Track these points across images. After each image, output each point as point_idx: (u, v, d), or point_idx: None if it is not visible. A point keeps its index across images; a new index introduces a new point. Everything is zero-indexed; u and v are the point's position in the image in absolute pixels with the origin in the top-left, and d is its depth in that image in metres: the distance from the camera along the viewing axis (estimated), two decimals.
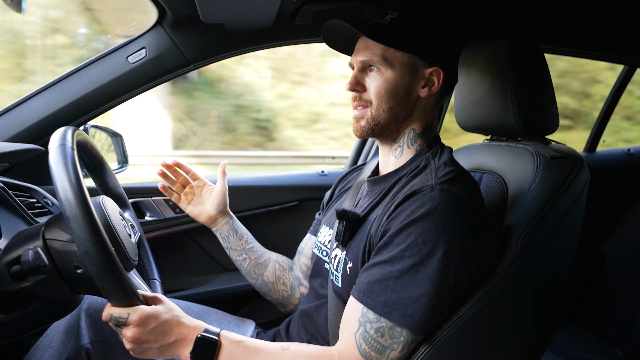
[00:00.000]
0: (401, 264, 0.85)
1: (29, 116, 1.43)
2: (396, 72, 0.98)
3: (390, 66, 0.98)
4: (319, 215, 1.32)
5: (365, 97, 1.00)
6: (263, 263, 1.31)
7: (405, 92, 0.99)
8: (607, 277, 2.20)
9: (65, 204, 0.75)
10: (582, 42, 1.85)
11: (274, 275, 1.31)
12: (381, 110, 0.99)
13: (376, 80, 0.99)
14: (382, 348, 0.85)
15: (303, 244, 1.33)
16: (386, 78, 0.98)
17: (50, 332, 1.11)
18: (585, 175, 1.03)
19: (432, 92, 1.00)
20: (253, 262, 1.31)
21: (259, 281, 1.31)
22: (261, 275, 1.31)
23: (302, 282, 1.30)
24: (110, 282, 0.77)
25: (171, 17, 1.44)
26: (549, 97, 1.13)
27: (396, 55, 0.98)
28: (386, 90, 0.98)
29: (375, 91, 0.99)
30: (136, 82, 1.49)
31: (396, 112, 0.99)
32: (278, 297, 1.31)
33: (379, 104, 0.99)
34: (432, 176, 0.93)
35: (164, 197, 1.71)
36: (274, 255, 1.35)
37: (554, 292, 1.03)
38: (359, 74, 1.01)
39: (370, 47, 0.99)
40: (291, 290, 1.31)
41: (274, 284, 1.31)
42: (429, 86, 1.00)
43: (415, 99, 1.00)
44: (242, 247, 1.31)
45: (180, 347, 0.87)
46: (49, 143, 0.83)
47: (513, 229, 0.95)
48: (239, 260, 1.32)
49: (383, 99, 0.98)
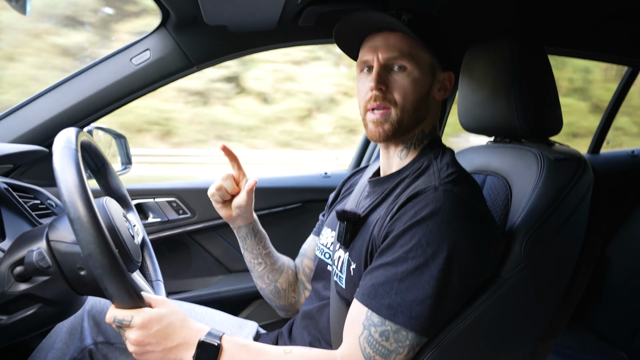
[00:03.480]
0: (405, 265, 0.85)
1: (33, 118, 1.43)
2: (421, 72, 0.96)
3: (417, 65, 0.95)
4: (322, 216, 1.32)
5: (389, 96, 0.95)
6: (278, 269, 1.27)
7: (426, 94, 0.98)
8: (611, 279, 2.19)
9: (69, 206, 0.75)
10: (586, 44, 1.85)
11: (287, 282, 1.28)
12: (406, 111, 0.96)
13: (403, 79, 0.95)
14: (387, 352, 0.84)
15: (306, 245, 1.31)
16: (414, 77, 0.95)
17: (53, 334, 1.11)
18: (589, 177, 1.03)
19: (445, 95, 1.01)
20: (268, 267, 1.26)
21: (270, 287, 1.27)
22: (275, 281, 1.27)
23: (306, 286, 1.29)
24: (114, 284, 0.77)
25: (175, 19, 1.45)
26: (553, 99, 1.13)
27: (421, 55, 0.96)
28: (413, 91, 0.95)
29: (401, 90, 0.95)
30: (140, 84, 1.49)
31: (418, 114, 0.97)
32: (286, 303, 1.29)
33: (404, 104, 0.95)
34: (435, 177, 0.92)
35: (168, 199, 1.71)
36: (287, 261, 1.31)
37: (557, 294, 1.02)
38: (383, 72, 0.95)
39: (394, 44, 0.95)
40: (298, 296, 1.29)
41: (287, 291, 1.28)
42: (443, 90, 1.01)
43: (431, 101, 1.00)
44: (259, 251, 1.26)
45: (183, 351, 0.87)
46: (53, 144, 0.83)
47: (517, 231, 0.95)
48: (254, 263, 1.26)
49: (409, 99, 0.95)
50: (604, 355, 2.01)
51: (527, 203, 0.98)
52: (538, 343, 1.04)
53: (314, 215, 1.53)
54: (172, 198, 1.72)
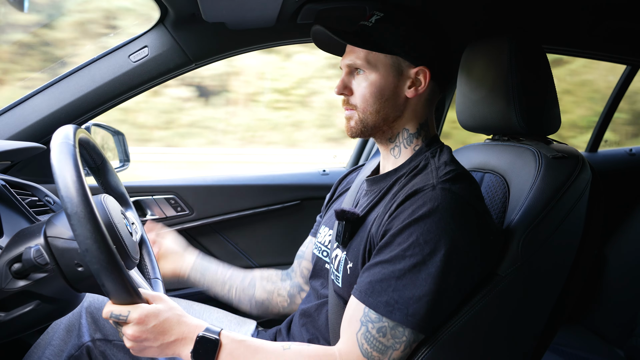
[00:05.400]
0: (403, 263, 0.85)
1: (31, 114, 1.43)
2: (380, 75, 0.97)
3: (374, 69, 0.97)
4: (319, 217, 1.32)
5: (352, 100, 1.00)
6: (248, 285, 1.27)
7: (391, 93, 0.98)
8: (609, 277, 2.19)
9: (67, 202, 0.75)
10: (585, 42, 1.85)
11: (264, 291, 1.27)
12: (368, 113, 0.99)
13: (361, 83, 0.99)
14: (384, 348, 0.85)
15: (304, 247, 1.30)
16: (371, 81, 0.98)
17: (51, 330, 1.11)
18: (587, 175, 1.03)
19: (419, 92, 0.99)
20: (239, 288, 1.26)
21: (252, 304, 1.26)
22: (252, 297, 1.26)
23: (302, 288, 1.27)
24: (111, 279, 0.77)
25: (173, 16, 1.45)
26: (551, 97, 1.13)
27: (379, 58, 0.97)
28: (371, 94, 0.98)
29: (361, 95, 0.99)
30: (138, 81, 1.49)
31: (384, 114, 0.99)
32: (279, 310, 1.28)
33: (365, 107, 0.99)
34: (433, 175, 0.92)
35: (166, 196, 1.71)
36: (256, 273, 1.30)
37: (555, 291, 1.03)
38: (346, 78, 1.01)
39: (354, 50, 0.99)
40: (290, 298, 1.28)
41: (269, 300, 1.27)
42: (415, 86, 0.99)
43: (403, 100, 1.00)
44: (222, 278, 1.27)
45: (180, 346, 0.87)
46: (50, 141, 0.83)
47: (514, 229, 0.95)
48: (225, 291, 1.26)
49: (369, 102, 0.98)
50: (600, 352, 2.02)
51: (524, 201, 0.98)
52: (535, 340, 1.05)
53: (312, 213, 1.53)
54: (170, 195, 1.72)
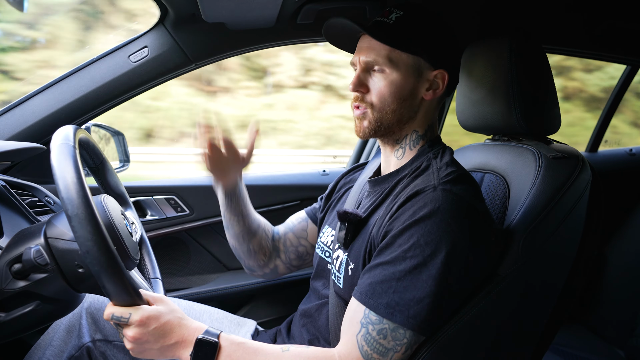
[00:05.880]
0: (403, 264, 0.85)
1: (31, 115, 1.43)
2: (401, 74, 0.96)
3: (396, 67, 0.95)
4: (320, 199, 1.29)
5: (368, 99, 0.98)
6: (254, 231, 1.24)
7: (409, 94, 0.97)
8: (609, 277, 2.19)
9: (67, 203, 0.75)
10: (585, 42, 1.85)
11: (259, 244, 1.25)
12: (384, 112, 0.97)
13: (380, 81, 0.96)
14: (384, 350, 0.84)
15: (295, 220, 1.28)
16: (391, 80, 0.96)
17: (51, 331, 1.11)
18: (587, 175, 1.03)
19: (436, 95, 0.99)
20: (245, 227, 1.23)
21: (243, 247, 1.24)
22: (249, 241, 1.23)
23: (279, 255, 1.26)
24: (112, 281, 0.77)
25: (173, 16, 1.45)
26: (551, 97, 1.13)
27: (402, 57, 0.96)
28: (390, 93, 0.96)
29: (379, 93, 0.96)
30: (138, 81, 1.49)
31: (399, 114, 0.98)
32: (254, 264, 1.26)
33: (382, 107, 0.97)
34: (434, 176, 0.92)
35: (166, 196, 1.71)
36: (263, 224, 1.27)
37: (555, 292, 1.03)
38: (362, 75, 0.98)
39: (374, 47, 0.96)
40: (268, 260, 1.26)
41: (257, 253, 1.25)
42: (433, 89, 0.98)
43: (419, 102, 0.99)
44: (241, 211, 1.21)
45: (180, 349, 0.87)
46: (50, 142, 0.83)
47: (515, 229, 0.95)
48: (233, 222, 1.22)
49: (387, 102, 0.96)
50: (601, 352, 2.02)
51: (524, 201, 0.98)
52: (535, 340, 1.05)
53: None
54: (170, 195, 1.72)
